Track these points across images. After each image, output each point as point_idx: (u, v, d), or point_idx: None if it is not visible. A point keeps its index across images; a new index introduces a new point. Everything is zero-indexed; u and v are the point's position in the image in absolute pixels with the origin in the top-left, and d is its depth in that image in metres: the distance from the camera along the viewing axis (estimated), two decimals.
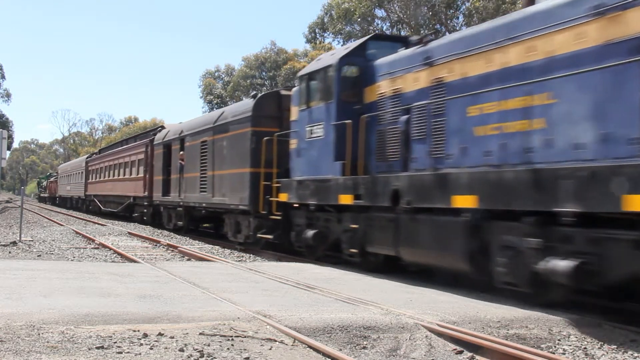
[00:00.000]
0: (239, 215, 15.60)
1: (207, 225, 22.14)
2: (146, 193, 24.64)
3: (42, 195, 79.59)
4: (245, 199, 14.73)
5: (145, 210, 25.78)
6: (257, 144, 14.34)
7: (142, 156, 25.92)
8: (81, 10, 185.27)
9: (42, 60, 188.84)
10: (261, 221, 14.36)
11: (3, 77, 62.92)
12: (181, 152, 20.21)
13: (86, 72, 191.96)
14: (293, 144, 12.95)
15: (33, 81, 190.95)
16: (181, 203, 20.06)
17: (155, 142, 24.19)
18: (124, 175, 29.24)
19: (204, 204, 18.06)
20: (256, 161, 14.32)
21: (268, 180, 13.84)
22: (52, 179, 67.38)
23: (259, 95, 15.74)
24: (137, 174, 26.43)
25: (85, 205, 41.82)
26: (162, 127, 26.28)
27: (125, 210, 29.52)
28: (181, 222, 20.66)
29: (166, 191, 22.01)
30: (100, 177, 35.92)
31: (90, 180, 39.30)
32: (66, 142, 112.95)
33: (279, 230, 13.70)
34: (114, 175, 31.84)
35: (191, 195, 19.05)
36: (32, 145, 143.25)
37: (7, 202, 62.45)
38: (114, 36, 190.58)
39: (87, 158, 42.64)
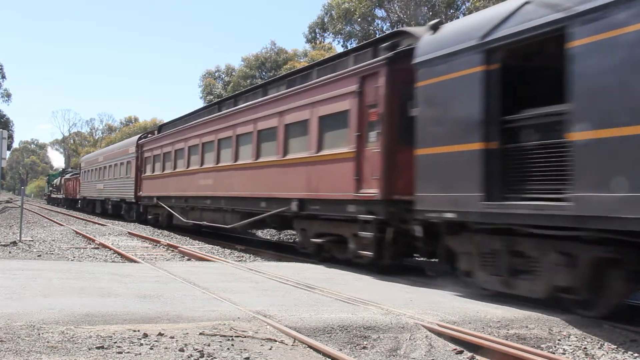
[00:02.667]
0: None
1: None
2: (375, 191, 10.01)
3: (53, 196, 65.28)
4: None
5: (367, 235, 10.26)
6: None
7: (345, 105, 11.07)
8: (81, 10, 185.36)
9: (42, 61, 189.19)
10: None
11: (3, 77, 63.08)
12: None
13: (86, 72, 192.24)
14: None
15: (33, 81, 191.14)
16: None
17: (427, 57, 8.69)
18: (258, 157, 14.51)
19: None
20: None
21: None
22: (68, 176, 52.56)
23: None
24: (316, 147, 11.95)
25: (136, 212, 27.31)
26: (437, 26, 9.05)
27: (255, 227, 17.25)
28: None
29: (513, 184, 7.36)
30: (174, 168, 21.11)
31: (147, 174, 24.87)
32: (66, 142, 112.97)
33: None
34: (217, 162, 17.09)
35: None
36: (32, 146, 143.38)
37: (7, 202, 62.42)
38: (113, 36, 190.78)
39: (139, 139, 27.31)
